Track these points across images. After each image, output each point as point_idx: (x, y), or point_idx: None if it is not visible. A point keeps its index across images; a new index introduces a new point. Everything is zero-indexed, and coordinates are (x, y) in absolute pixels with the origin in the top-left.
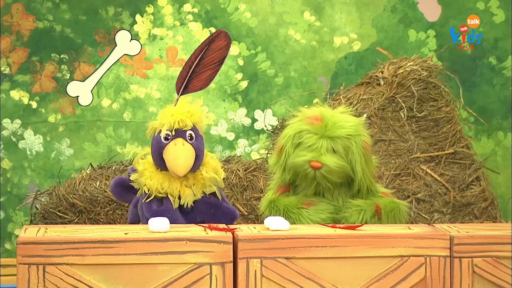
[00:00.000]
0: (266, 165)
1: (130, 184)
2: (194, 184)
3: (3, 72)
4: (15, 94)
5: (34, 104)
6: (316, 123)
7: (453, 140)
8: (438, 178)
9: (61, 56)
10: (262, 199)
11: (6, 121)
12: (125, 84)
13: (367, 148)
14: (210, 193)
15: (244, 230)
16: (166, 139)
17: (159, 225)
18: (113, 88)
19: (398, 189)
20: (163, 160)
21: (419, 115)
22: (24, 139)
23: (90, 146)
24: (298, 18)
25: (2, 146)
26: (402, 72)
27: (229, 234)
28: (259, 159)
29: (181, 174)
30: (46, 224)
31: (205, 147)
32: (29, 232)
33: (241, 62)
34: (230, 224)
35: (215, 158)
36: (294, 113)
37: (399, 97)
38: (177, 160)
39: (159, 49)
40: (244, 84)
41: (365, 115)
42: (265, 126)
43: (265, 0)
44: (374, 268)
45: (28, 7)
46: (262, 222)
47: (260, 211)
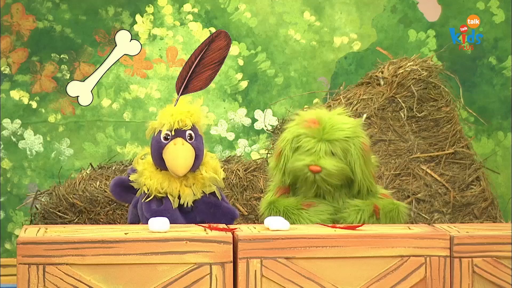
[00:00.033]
0: (266, 165)
1: (129, 184)
2: (194, 184)
3: (3, 72)
4: (15, 94)
5: (34, 104)
6: (313, 126)
7: (453, 140)
8: (438, 178)
9: (61, 56)
10: (261, 200)
11: (6, 121)
12: (125, 84)
13: (365, 150)
14: (210, 193)
15: (244, 230)
16: (165, 139)
17: (159, 225)
18: (113, 88)
19: (398, 189)
20: (162, 160)
21: (419, 115)
22: (24, 139)
23: (90, 146)
24: (298, 18)
25: (2, 146)
26: (402, 72)
27: (229, 234)
28: (259, 159)
29: (181, 173)
30: (46, 224)
31: (205, 147)
32: (29, 232)
33: (241, 62)
34: (230, 224)
35: (214, 158)
36: (292, 116)
37: (399, 97)
38: (176, 160)
39: (159, 49)
40: (244, 84)
41: (365, 115)
42: (265, 126)
43: (265, 0)
44: (374, 268)
45: (28, 7)
46: (262, 222)
47: (259, 213)
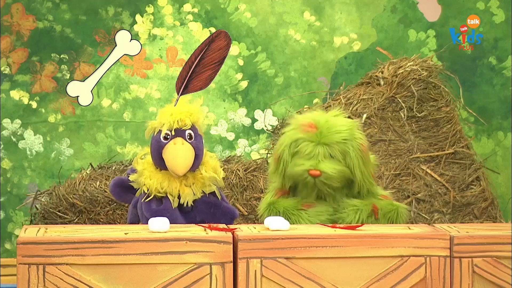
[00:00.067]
0: (266, 165)
1: (129, 185)
2: (194, 184)
3: (3, 72)
4: (15, 94)
5: (34, 104)
6: (310, 130)
7: (453, 140)
8: (438, 178)
9: (61, 56)
10: (261, 201)
11: (6, 121)
12: (125, 84)
13: (364, 150)
14: (210, 193)
15: (244, 230)
16: (165, 138)
17: (159, 225)
18: (113, 88)
19: (398, 189)
20: (162, 159)
21: (419, 115)
22: (24, 139)
23: (90, 146)
24: (298, 18)
25: (2, 146)
26: (402, 72)
27: (229, 234)
28: (259, 159)
29: (181, 173)
30: (46, 224)
31: (205, 147)
32: (29, 232)
33: (241, 62)
34: (230, 223)
35: (214, 157)
36: (290, 118)
37: (399, 97)
38: (176, 159)
39: (159, 49)
40: (244, 84)
41: (365, 115)
42: (265, 126)
43: (265, 0)
44: (374, 268)
45: (28, 7)
46: (261, 223)
47: (258, 214)
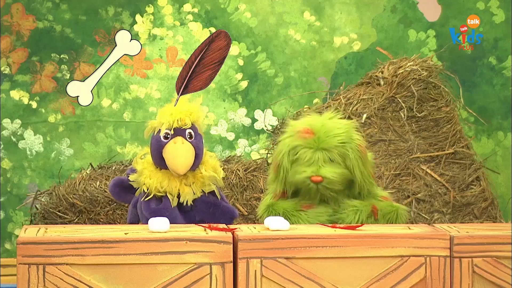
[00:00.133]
0: (266, 165)
1: (128, 185)
2: (194, 183)
3: (3, 72)
4: (15, 94)
5: (34, 104)
6: (308, 136)
7: (453, 140)
8: (438, 178)
9: (61, 56)
10: (260, 203)
11: (6, 121)
12: (125, 84)
13: (362, 151)
14: (209, 192)
15: (244, 230)
16: (165, 138)
17: (159, 225)
18: (113, 88)
19: (398, 189)
20: (162, 159)
21: (419, 115)
22: (24, 139)
23: (90, 146)
24: (298, 18)
25: (2, 146)
26: (402, 72)
27: (229, 234)
28: (259, 159)
29: (182, 172)
30: (46, 224)
31: (205, 147)
32: (29, 232)
33: (241, 62)
34: (229, 223)
35: (214, 157)
36: (287, 121)
37: (399, 97)
38: (177, 158)
39: (159, 49)
40: (244, 84)
41: (365, 115)
42: (265, 126)
43: (265, 0)
44: (374, 268)
45: (28, 7)
46: (262, 223)
47: (258, 215)
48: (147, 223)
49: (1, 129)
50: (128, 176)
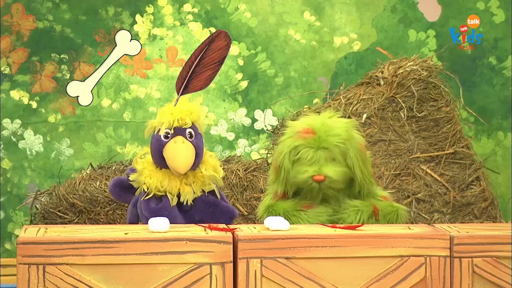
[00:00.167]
0: (266, 165)
1: (128, 185)
2: (194, 182)
3: (3, 72)
4: (15, 94)
5: (34, 104)
6: (308, 136)
7: (453, 140)
8: (438, 178)
9: (61, 56)
10: (260, 203)
11: (6, 121)
12: (125, 84)
13: (362, 150)
14: (209, 192)
15: (244, 230)
16: (165, 137)
17: (159, 225)
18: (113, 88)
19: (398, 189)
20: (163, 158)
21: (419, 115)
22: (24, 139)
23: (90, 146)
24: (298, 18)
25: (2, 146)
26: (402, 72)
27: (229, 234)
28: (259, 159)
29: (183, 171)
30: (46, 224)
31: (205, 147)
32: (29, 232)
33: (241, 62)
34: (229, 223)
35: (214, 156)
36: (287, 121)
37: (399, 97)
38: (177, 158)
39: (159, 49)
40: (244, 84)
41: (365, 115)
42: (265, 126)
43: (265, 0)
44: (374, 268)
45: (28, 7)
46: (262, 223)
47: (258, 216)
48: (147, 223)
49: (1, 129)
50: (128, 176)
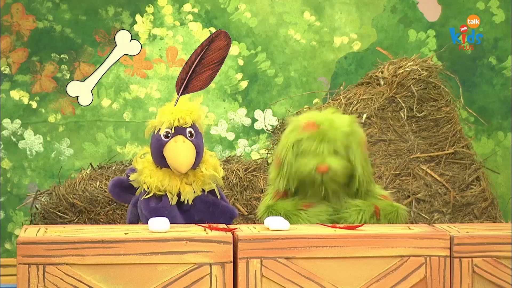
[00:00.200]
0: (266, 165)
1: (128, 185)
2: (194, 181)
3: (3, 72)
4: (15, 94)
5: (34, 104)
6: (312, 129)
7: (453, 140)
8: (438, 178)
9: (61, 56)
10: (260, 204)
11: (6, 121)
12: (125, 84)
13: (364, 145)
14: (209, 192)
15: (244, 230)
16: (166, 136)
17: (159, 225)
18: (113, 88)
19: (398, 189)
20: (163, 157)
21: (419, 115)
22: (24, 139)
23: (90, 146)
24: (298, 18)
25: (2, 146)
26: (402, 72)
27: (229, 234)
28: (259, 159)
29: (184, 170)
30: (46, 224)
31: (205, 146)
32: (29, 232)
33: (241, 62)
34: (229, 223)
35: (214, 156)
36: (289, 119)
37: (399, 97)
38: (178, 157)
39: (159, 49)
40: (244, 84)
41: (365, 115)
42: (265, 126)
43: (265, 0)
44: (374, 268)
45: (28, 7)
46: (262, 223)
47: (258, 216)
48: (147, 223)
49: (1, 129)
50: (128, 176)
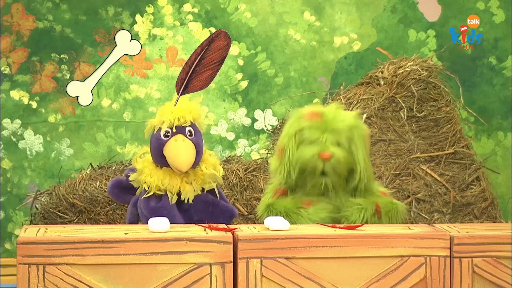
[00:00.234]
0: (266, 165)
1: (127, 185)
2: (195, 180)
3: (3, 72)
4: (15, 94)
5: (34, 104)
6: (316, 118)
7: (453, 140)
8: (438, 178)
9: (61, 56)
10: (260, 203)
11: (6, 121)
12: (125, 84)
13: (366, 139)
14: (208, 191)
15: (244, 230)
16: (166, 136)
17: (159, 225)
18: (113, 88)
19: (398, 189)
20: (163, 157)
21: (419, 115)
22: (24, 139)
23: (90, 146)
24: (298, 18)
25: (2, 146)
26: (402, 72)
27: (229, 234)
28: (259, 159)
29: (185, 169)
30: (46, 224)
31: (204, 145)
32: (29, 232)
33: (241, 62)
34: (229, 222)
35: (213, 155)
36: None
37: (399, 97)
38: (178, 156)
39: (159, 49)
40: (244, 84)
41: (365, 115)
42: (265, 126)
43: (265, 0)
44: (374, 268)
45: (28, 7)
46: (262, 222)
47: (258, 215)
48: (146, 222)
49: (1, 129)
50: (127, 177)
